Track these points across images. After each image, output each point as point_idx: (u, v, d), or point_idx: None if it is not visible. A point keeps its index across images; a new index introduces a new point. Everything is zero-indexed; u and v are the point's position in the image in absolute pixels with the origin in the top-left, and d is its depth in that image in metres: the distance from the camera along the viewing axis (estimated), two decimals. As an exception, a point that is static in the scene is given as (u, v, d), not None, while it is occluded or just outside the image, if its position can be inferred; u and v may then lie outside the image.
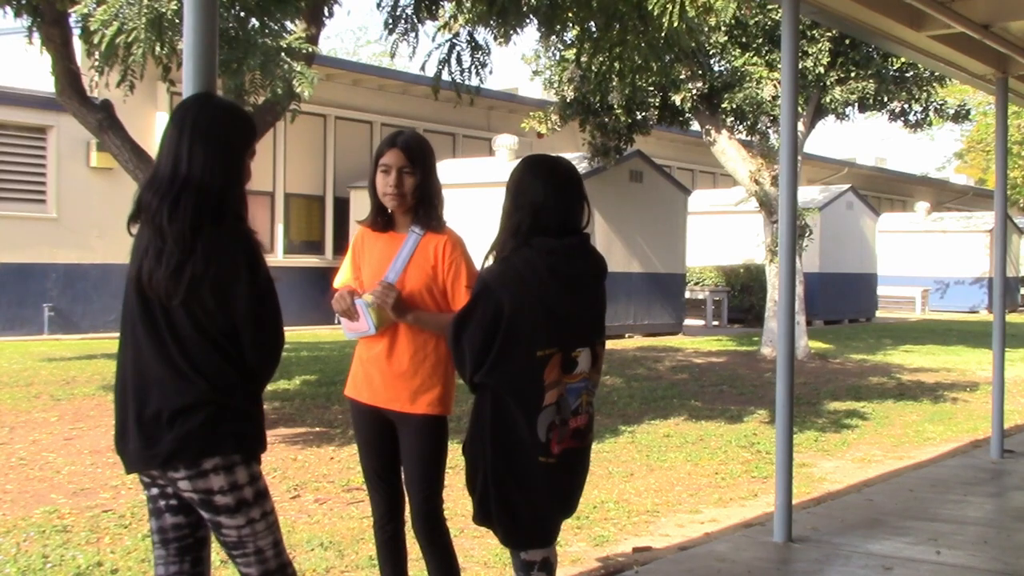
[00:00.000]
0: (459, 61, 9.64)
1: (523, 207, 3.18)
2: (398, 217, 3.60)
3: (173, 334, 2.71)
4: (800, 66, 12.46)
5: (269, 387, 3.05)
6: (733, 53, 15.73)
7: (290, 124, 12.28)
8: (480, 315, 3.12)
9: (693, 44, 10.63)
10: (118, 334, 2.90)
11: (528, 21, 9.66)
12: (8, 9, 8.72)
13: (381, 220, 3.62)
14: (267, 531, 2.78)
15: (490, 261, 3.26)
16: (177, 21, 7.37)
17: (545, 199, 3.17)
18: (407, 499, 3.60)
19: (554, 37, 12.82)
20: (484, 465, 3.17)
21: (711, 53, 15.89)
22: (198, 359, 2.69)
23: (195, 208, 2.67)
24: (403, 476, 3.60)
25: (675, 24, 8.61)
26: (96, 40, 7.91)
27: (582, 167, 18.42)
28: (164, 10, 7.58)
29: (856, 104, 16.62)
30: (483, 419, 3.17)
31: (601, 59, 10.10)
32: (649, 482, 6.91)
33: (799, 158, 10.93)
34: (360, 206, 20.09)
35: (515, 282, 3.11)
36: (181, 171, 2.71)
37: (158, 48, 7.74)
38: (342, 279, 3.76)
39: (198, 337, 2.70)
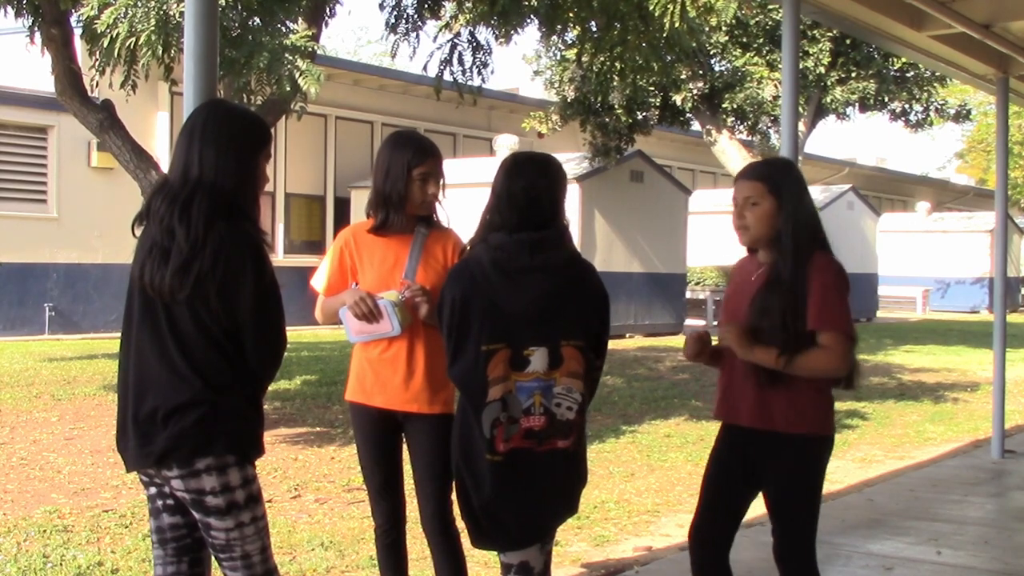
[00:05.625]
0: (461, 61, 9.66)
1: (489, 205, 3.22)
2: (404, 219, 3.57)
3: (174, 332, 2.71)
4: (801, 66, 12.45)
5: (270, 387, 3.04)
6: (734, 53, 15.75)
7: (292, 124, 12.29)
8: (443, 313, 3.17)
9: (694, 44, 10.64)
10: (119, 334, 2.91)
11: (529, 21, 9.67)
12: (9, 9, 8.72)
13: (401, 224, 3.56)
14: (256, 536, 2.78)
15: None
16: (183, 22, 7.38)
17: (506, 195, 3.19)
18: (418, 497, 3.60)
19: (555, 37, 12.84)
20: (453, 463, 3.21)
21: (712, 53, 15.91)
22: (197, 358, 2.70)
23: (208, 208, 2.69)
24: (414, 475, 3.59)
25: (676, 24, 8.62)
26: (106, 43, 7.91)
27: (583, 167, 18.41)
28: (172, 12, 7.59)
29: (857, 104, 16.65)
30: (456, 417, 3.21)
31: (602, 59, 10.11)
32: (650, 482, 6.91)
33: (800, 158, 10.93)
34: (360, 206, 20.09)
35: (463, 277, 3.14)
36: (192, 175, 2.74)
37: (160, 50, 7.75)
38: (326, 282, 3.67)
39: (199, 336, 2.70)
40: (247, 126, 2.84)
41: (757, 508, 6.35)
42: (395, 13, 9.55)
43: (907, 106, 17.11)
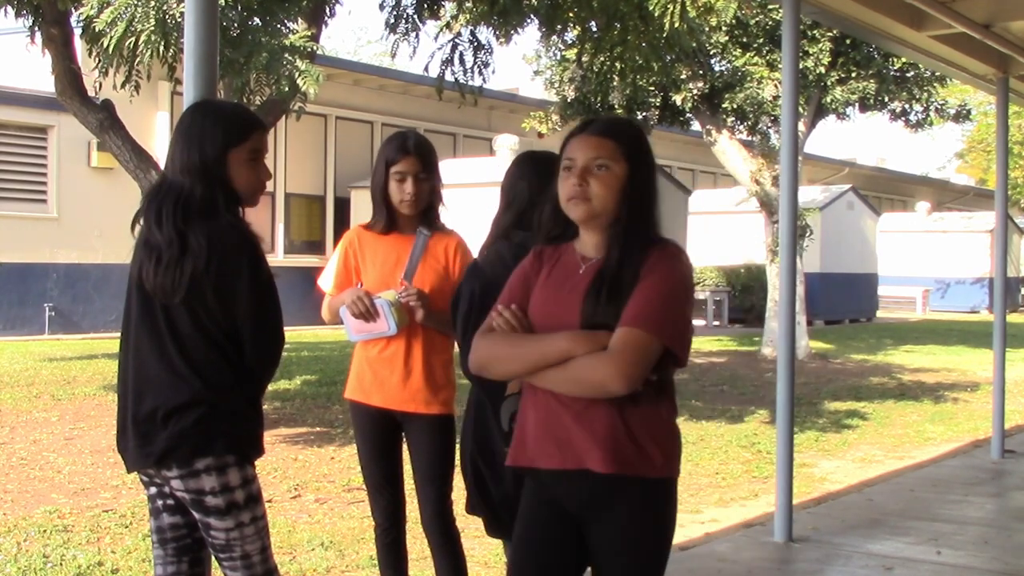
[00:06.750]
0: (462, 61, 9.65)
1: (511, 203, 3.22)
2: (402, 219, 3.60)
3: (173, 333, 2.72)
4: (801, 66, 12.43)
5: (270, 387, 3.05)
6: (734, 53, 15.73)
7: (292, 123, 12.30)
8: (460, 307, 3.18)
9: (694, 44, 10.64)
10: (119, 334, 2.91)
11: (529, 21, 9.66)
12: (8, 9, 8.72)
13: (386, 222, 3.61)
14: (256, 536, 2.78)
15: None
16: (182, 21, 7.38)
17: (530, 196, 3.19)
18: (419, 498, 3.61)
19: (555, 37, 12.82)
20: (467, 455, 3.22)
21: (712, 53, 15.89)
22: (196, 358, 2.70)
23: (175, 207, 2.71)
24: (414, 475, 3.60)
25: (676, 24, 8.62)
26: (105, 43, 7.91)
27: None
28: (172, 11, 7.59)
29: (857, 104, 16.62)
30: (469, 410, 3.23)
31: (602, 59, 10.11)
32: (650, 482, 6.90)
33: (800, 158, 10.94)
34: (360, 206, 20.10)
35: (485, 273, 3.16)
36: (167, 175, 2.80)
37: (162, 49, 7.75)
38: (333, 281, 3.71)
39: (198, 336, 2.70)
40: (218, 121, 2.81)
41: (757, 508, 6.37)
42: (395, 13, 9.54)
43: (907, 106, 17.07)
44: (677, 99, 15.78)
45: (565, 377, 2.39)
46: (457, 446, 3.37)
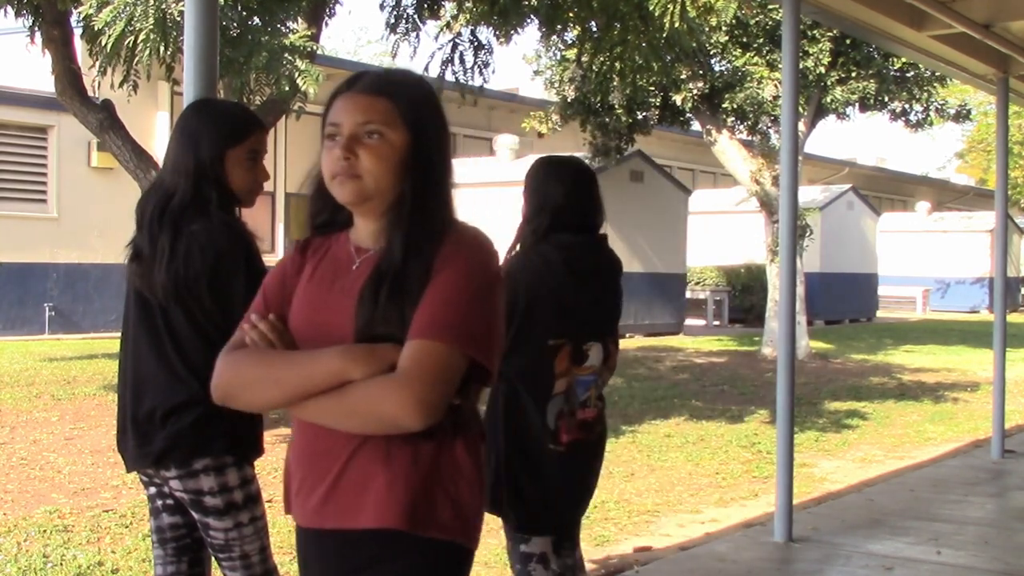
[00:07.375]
0: (462, 61, 9.66)
1: (544, 208, 3.29)
2: None
3: (171, 333, 2.72)
4: (801, 66, 12.43)
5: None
6: (734, 53, 15.73)
7: (292, 123, 12.28)
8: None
9: (694, 44, 10.64)
10: (119, 334, 2.92)
11: (529, 21, 9.67)
12: (9, 9, 8.72)
13: None
14: (255, 536, 2.78)
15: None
16: (181, 21, 7.39)
17: (565, 199, 3.30)
18: None
19: (555, 37, 12.83)
20: (496, 453, 3.23)
21: (712, 53, 15.89)
22: (193, 358, 2.70)
23: (157, 210, 2.72)
24: None
25: (676, 24, 8.62)
26: (104, 41, 7.92)
27: (583, 167, 18.41)
28: (170, 10, 7.59)
29: (857, 104, 16.63)
30: (496, 408, 3.25)
31: (602, 59, 10.11)
32: (650, 482, 6.91)
33: (800, 158, 10.94)
34: (361, 206, 20.05)
35: (532, 274, 3.22)
36: (162, 175, 2.82)
37: (162, 49, 7.76)
38: None
39: (195, 337, 2.70)
40: (216, 120, 2.80)
41: (757, 508, 6.37)
42: (395, 13, 9.54)
43: (907, 106, 17.09)
44: (677, 99, 15.78)
45: (342, 409, 1.82)
46: None
